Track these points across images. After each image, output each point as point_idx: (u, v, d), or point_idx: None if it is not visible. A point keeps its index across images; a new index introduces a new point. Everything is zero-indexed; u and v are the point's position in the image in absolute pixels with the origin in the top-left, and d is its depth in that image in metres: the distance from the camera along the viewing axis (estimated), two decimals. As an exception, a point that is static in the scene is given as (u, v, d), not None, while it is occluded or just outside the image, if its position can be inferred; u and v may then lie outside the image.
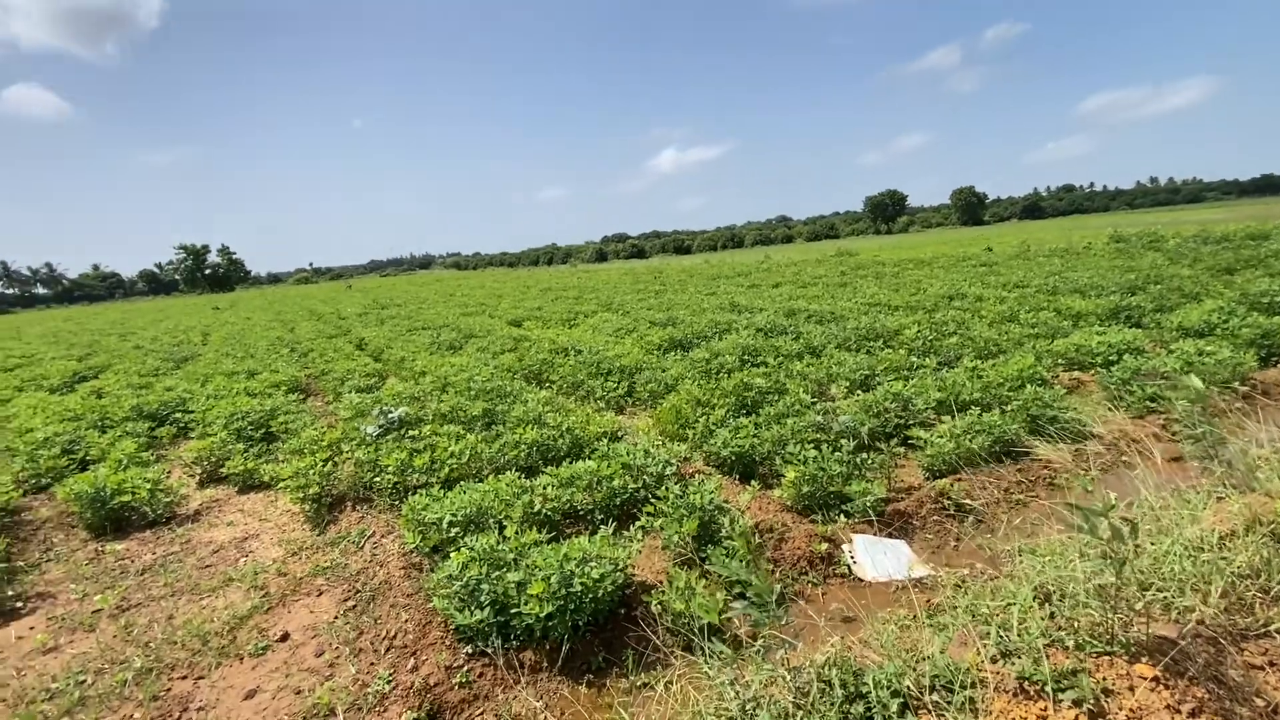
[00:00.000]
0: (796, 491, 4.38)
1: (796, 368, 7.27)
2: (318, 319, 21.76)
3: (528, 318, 15.99)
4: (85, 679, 3.36)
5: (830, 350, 8.23)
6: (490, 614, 3.11)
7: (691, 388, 6.49)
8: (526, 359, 9.45)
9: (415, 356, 10.59)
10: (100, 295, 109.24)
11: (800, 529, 4.18)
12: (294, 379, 10.01)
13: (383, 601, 3.81)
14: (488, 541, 3.47)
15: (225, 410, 7.38)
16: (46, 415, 8.09)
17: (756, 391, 6.37)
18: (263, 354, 13.01)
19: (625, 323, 12.60)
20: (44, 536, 5.29)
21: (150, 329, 23.20)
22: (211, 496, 5.94)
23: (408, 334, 14.19)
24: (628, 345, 9.93)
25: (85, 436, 7.14)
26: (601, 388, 7.69)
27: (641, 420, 6.84)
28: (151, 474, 5.59)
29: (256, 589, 4.13)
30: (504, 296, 24.36)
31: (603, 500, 4.36)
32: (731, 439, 5.13)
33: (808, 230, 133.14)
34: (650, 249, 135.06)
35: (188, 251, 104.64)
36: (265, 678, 3.26)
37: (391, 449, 5.42)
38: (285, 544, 4.78)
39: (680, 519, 3.79)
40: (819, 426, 5.28)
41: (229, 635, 3.64)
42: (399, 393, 7.57)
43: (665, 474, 4.55)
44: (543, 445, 5.47)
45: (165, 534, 5.17)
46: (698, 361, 8.00)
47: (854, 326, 9.33)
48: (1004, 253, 24.46)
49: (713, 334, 10.31)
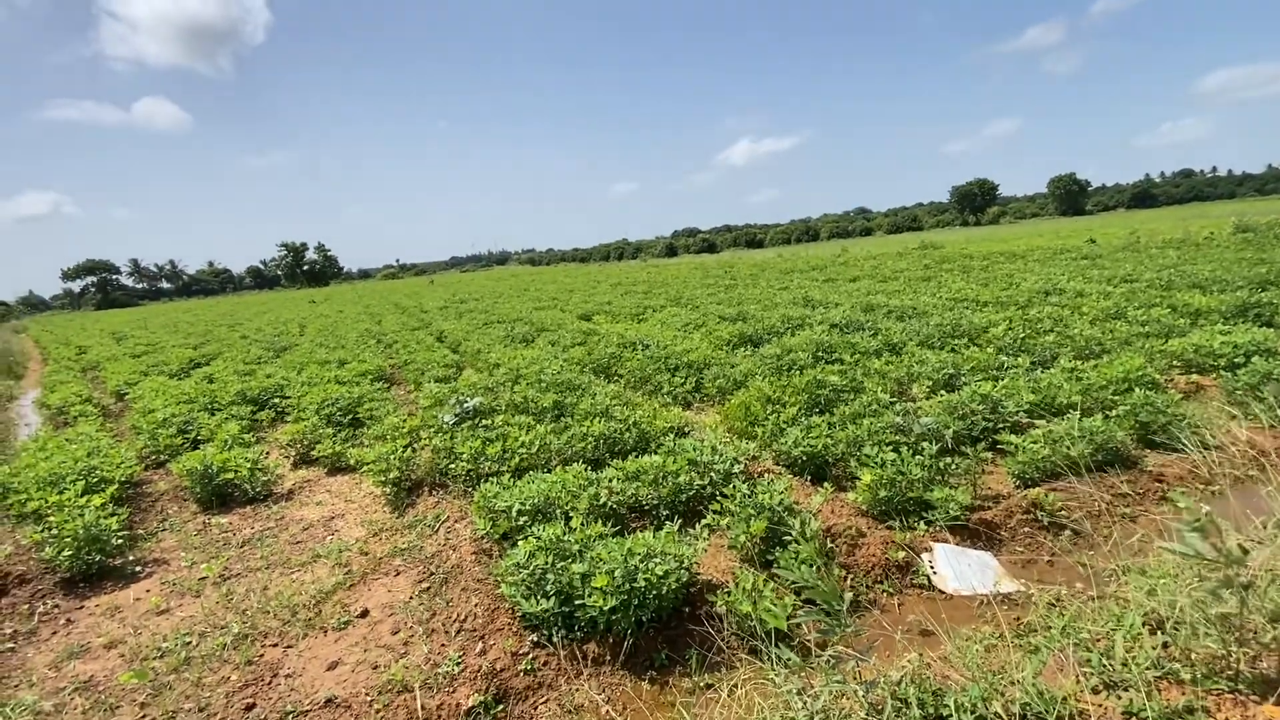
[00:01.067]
0: (873, 495, 4.18)
1: (874, 365, 6.95)
2: (402, 312, 22.91)
3: (597, 312, 16.16)
4: (191, 640, 3.66)
5: (911, 348, 7.82)
6: (555, 604, 3.15)
7: (761, 384, 6.34)
8: (595, 353, 9.54)
9: (490, 349, 10.93)
10: (214, 289, 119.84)
11: (876, 535, 3.98)
12: (379, 368, 10.55)
13: (454, 585, 3.94)
14: (554, 532, 3.51)
15: (317, 397, 7.88)
16: (166, 398, 8.92)
17: (830, 389, 6.14)
18: (352, 344, 13.82)
19: (694, 317, 12.49)
20: (160, 508, 5.83)
21: (255, 320, 25.17)
22: (303, 477, 6.35)
23: (484, 327, 14.68)
24: (696, 340, 9.84)
25: (197, 418, 7.81)
26: (669, 383, 7.65)
27: (709, 416, 6.75)
28: (252, 454, 6.04)
29: (340, 566, 4.38)
30: (575, 291, 24.76)
31: (668, 496, 4.32)
32: (803, 438, 4.96)
33: (888, 222, 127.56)
34: (721, 243, 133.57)
35: (288, 249, 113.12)
36: (346, 651, 3.44)
37: (466, 437, 5.60)
38: (367, 524, 5.04)
39: (748, 519, 3.70)
40: (898, 428, 5.03)
41: (315, 608, 3.87)
42: (474, 383, 7.83)
43: (733, 472, 4.46)
44: (610, 438, 5.49)
45: (263, 510, 5.57)
46: (768, 358, 7.81)
47: (937, 323, 8.83)
48: (1109, 244, 22.52)
49: (785, 329, 10.05)
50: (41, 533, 4.66)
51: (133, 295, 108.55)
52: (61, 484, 5.47)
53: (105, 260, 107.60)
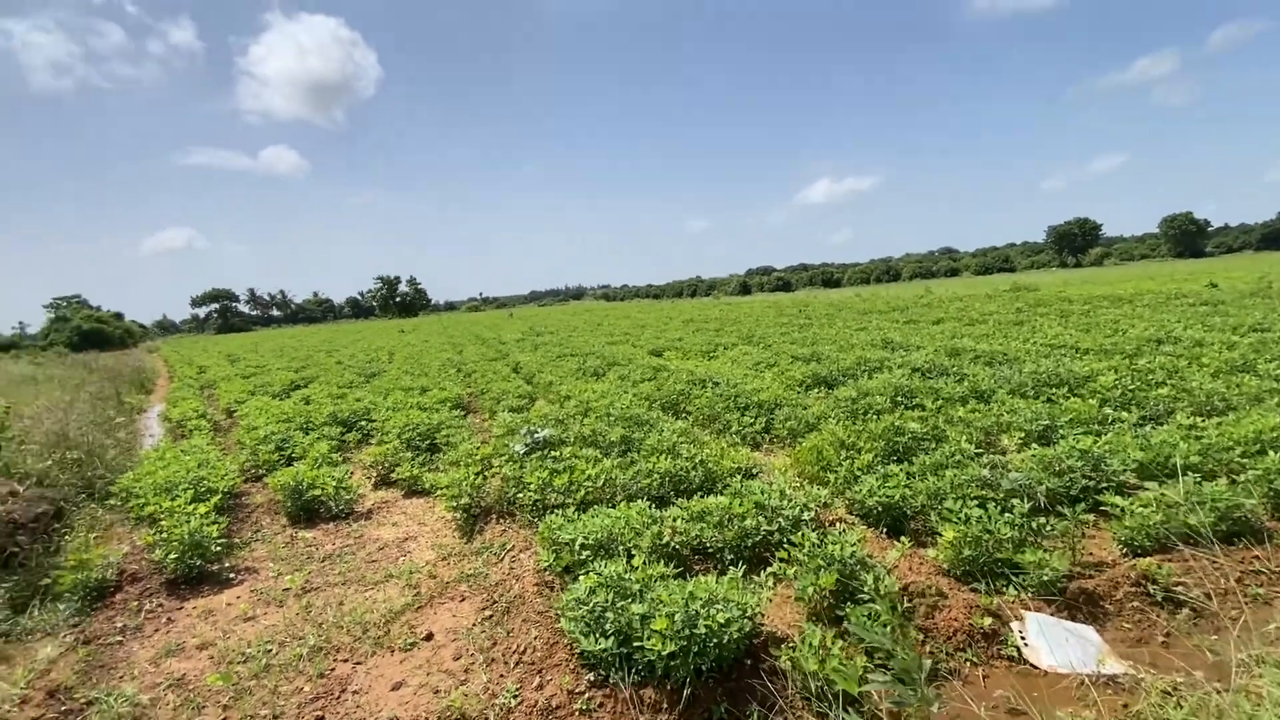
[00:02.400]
0: (955, 554, 3.90)
1: (959, 413, 6.55)
2: (482, 343, 23.89)
3: (668, 348, 16.23)
4: (271, 649, 3.86)
5: (1001, 396, 7.34)
6: (614, 644, 3.10)
7: (835, 428, 6.12)
8: (664, 388, 9.54)
9: (562, 381, 11.17)
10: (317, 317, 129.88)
11: (958, 597, 3.70)
12: (458, 396, 11.01)
13: (516, 615, 3.97)
14: (615, 569, 3.48)
15: (400, 422, 8.30)
16: (267, 416, 9.65)
17: (910, 437, 5.83)
18: (434, 373, 14.51)
19: (766, 356, 12.30)
20: (255, 519, 6.25)
21: (349, 347, 26.97)
22: (383, 498, 6.65)
23: (557, 360, 15.05)
24: (767, 379, 9.66)
25: (293, 436, 8.39)
26: (738, 422, 7.52)
27: (778, 459, 6.56)
28: (338, 474, 6.41)
29: (410, 587, 4.52)
30: (646, 327, 25.02)
31: (733, 540, 4.20)
32: (879, 487, 4.72)
33: (976, 263, 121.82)
34: (796, 282, 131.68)
35: (383, 281, 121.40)
36: (410, 672, 3.52)
37: (535, 468, 5.70)
38: (437, 548, 5.19)
39: (817, 570, 3.53)
40: (985, 482, 4.69)
41: (385, 627, 4.00)
42: (545, 414, 8.00)
43: (802, 519, 4.29)
44: (675, 476, 5.44)
45: (344, 527, 5.86)
46: (843, 400, 7.53)
47: (1031, 370, 8.25)
48: (1234, 289, 20.44)
49: (861, 372, 9.69)
50: (154, 535, 5.10)
51: (248, 321, 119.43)
52: (174, 491, 5.99)
53: (227, 289, 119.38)
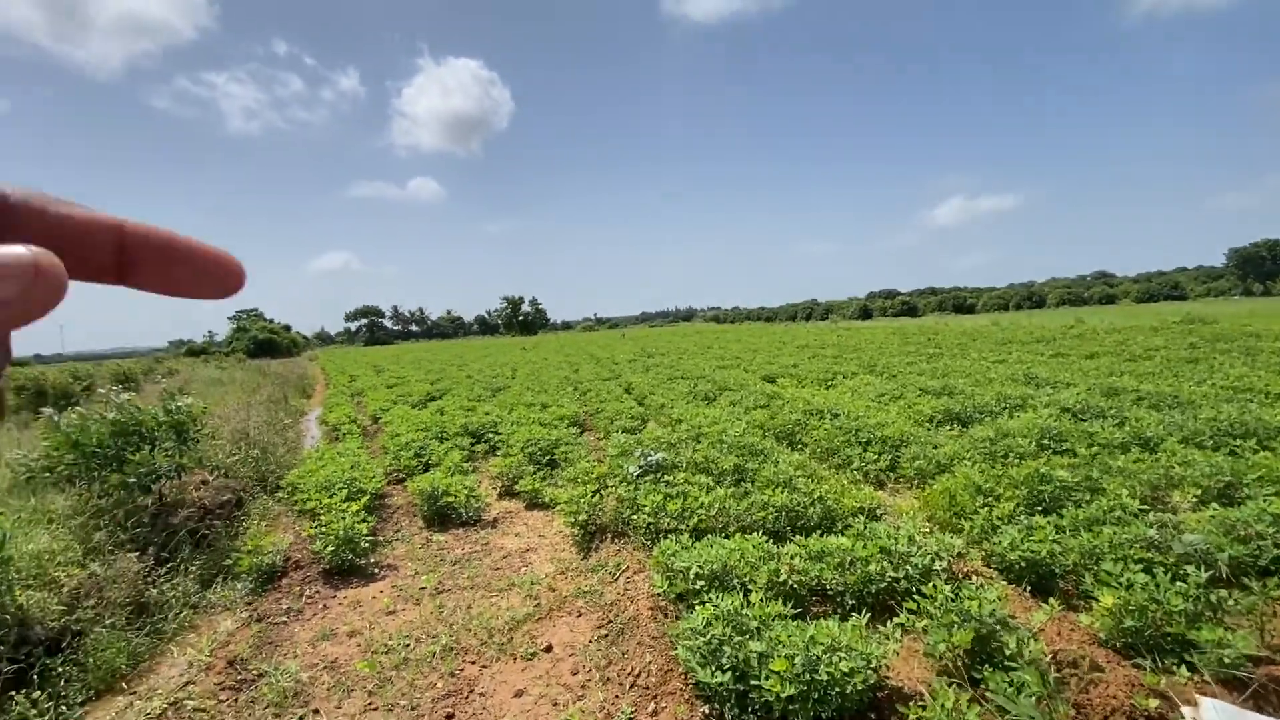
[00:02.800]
0: (1114, 623, 3.47)
1: (1118, 463, 5.84)
2: (596, 362, 24.70)
3: (782, 374, 15.85)
4: (409, 643, 4.21)
5: (1171, 445, 6.43)
6: (731, 679, 3.07)
7: (970, 471, 5.67)
8: (779, 417, 9.33)
9: (673, 404, 11.27)
10: (449, 333, 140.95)
11: (1117, 673, 3.28)
12: (574, 414, 11.45)
13: (630, 637, 4.04)
14: (732, 603, 3.46)
15: (523, 436, 8.78)
16: (408, 424, 10.59)
17: (1058, 486, 5.28)
18: (553, 390, 15.21)
19: (890, 388, 11.65)
20: (396, 520, 6.86)
21: (477, 362, 28.95)
22: (506, 508, 7.05)
23: (668, 382, 15.21)
24: (892, 413, 9.16)
25: (429, 444, 9.14)
26: (860, 457, 7.19)
27: (905, 500, 6.19)
28: (469, 482, 6.89)
29: (531, 598, 4.74)
30: (759, 351, 24.60)
31: (855, 584, 4.02)
32: (1022, 540, 4.31)
33: (1137, 289, 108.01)
34: (924, 307, 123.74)
35: (509, 302, 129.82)
36: (530, 682, 3.69)
37: (648, 491, 5.80)
38: (556, 562, 5.41)
39: (950, 625, 3.29)
40: (1151, 543, 4.14)
41: (508, 634, 4.23)
42: (657, 437, 8.12)
43: (933, 568, 4.02)
44: (792, 510, 5.30)
45: (472, 534, 6.28)
46: (979, 440, 6.97)
47: (1209, 417, 7.17)
48: None
49: (1000, 409, 8.91)
50: (314, 528, 5.76)
51: (391, 335, 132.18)
52: (331, 490, 6.74)
53: (375, 306, 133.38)
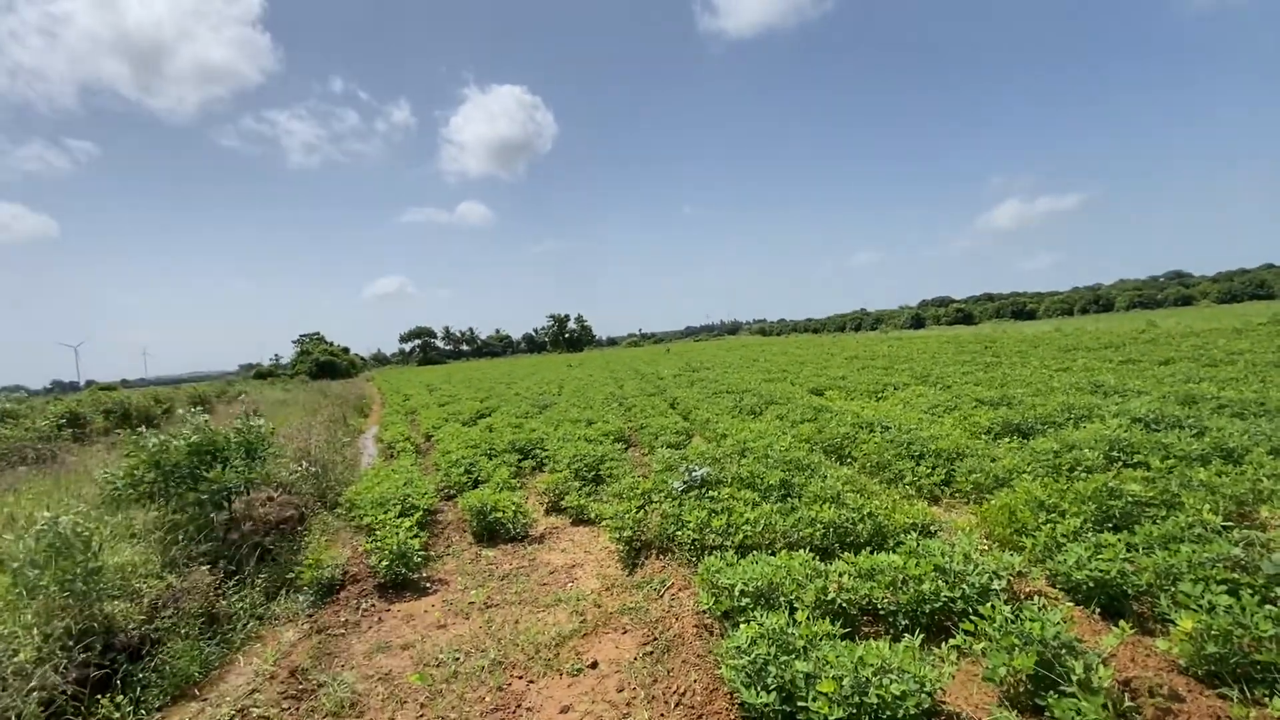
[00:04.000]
0: (1195, 648, 3.23)
1: (1198, 476, 5.45)
2: (641, 378, 24.77)
3: (829, 387, 15.52)
4: (459, 657, 4.29)
5: (1258, 456, 5.97)
6: (776, 700, 3.01)
7: (1032, 485, 5.41)
8: (826, 431, 9.13)
9: (718, 419, 11.18)
10: (498, 352, 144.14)
11: (1199, 703, 3.05)
12: (619, 430, 11.50)
13: (675, 654, 4.01)
14: (778, 621, 3.39)
15: (569, 452, 8.88)
16: (458, 442, 10.86)
17: (1129, 501, 4.97)
18: (598, 406, 15.32)
19: (944, 399, 11.24)
20: (447, 535, 7.02)
21: (525, 380, 29.48)
22: (552, 524, 7.12)
23: (713, 396, 15.11)
24: (947, 425, 8.83)
25: (479, 461, 9.35)
26: (912, 472, 6.95)
27: (961, 517, 5.94)
28: (516, 498, 7.01)
29: (577, 614, 4.77)
30: (806, 364, 24.16)
31: (908, 604, 3.88)
32: (1089, 559, 4.07)
33: (1217, 289, 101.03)
34: (980, 314, 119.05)
35: (555, 319, 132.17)
36: (576, 698, 3.70)
37: (693, 506, 5.76)
38: (601, 578, 5.43)
39: (1010, 648, 3.13)
40: (1236, 563, 3.85)
41: (554, 650, 4.26)
42: (702, 452, 8.06)
43: (991, 587, 3.84)
44: (840, 527, 5.16)
45: (520, 549, 6.37)
46: (1041, 453, 6.63)
47: (1304, 426, 6.63)
48: None
49: (1065, 420, 8.48)
50: (370, 544, 5.96)
51: (443, 354, 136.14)
52: (386, 506, 6.96)
53: (428, 327, 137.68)
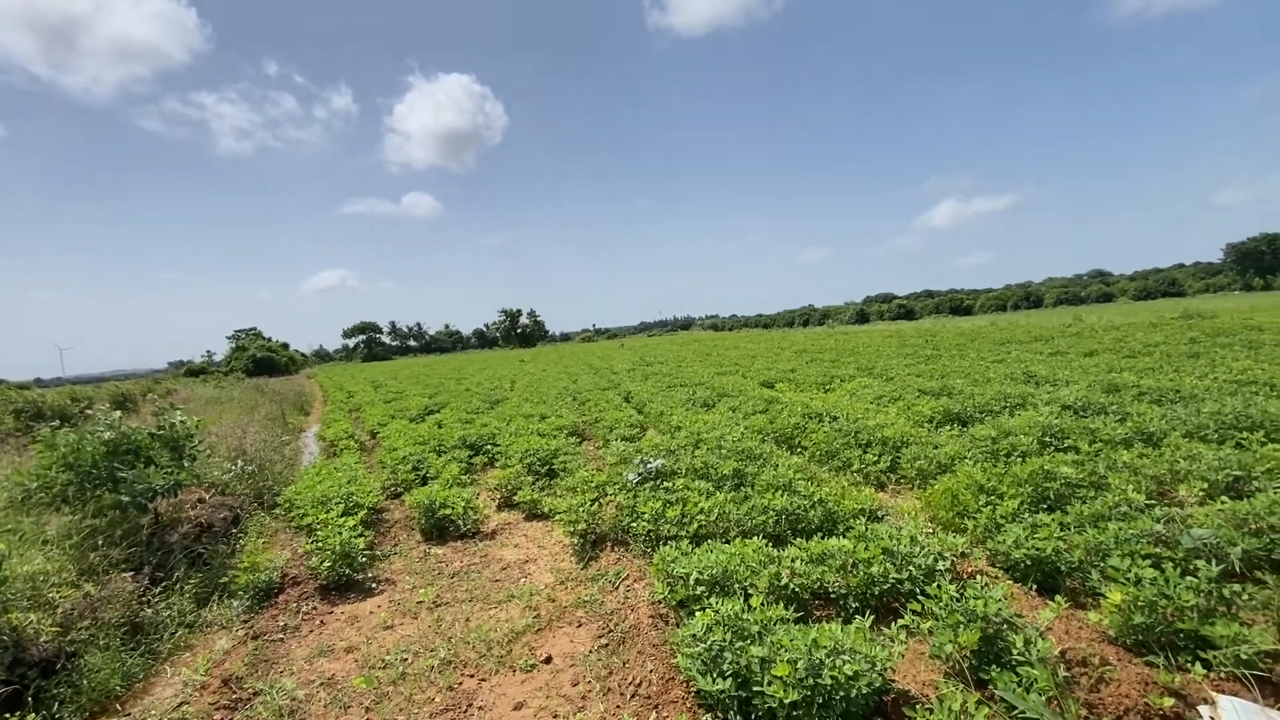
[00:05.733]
0: (1124, 620, 3.41)
1: (1122, 458, 5.78)
2: (595, 373, 24.64)
3: (780, 379, 15.81)
4: (407, 658, 4.14)
5: (1175, 439, 6.38)
6: (732, 686, 3.01)
7: (972, 470, 5.63)
8: (778, 422, 9.28)
9: (672, 411, 11.21)
10: (447, 347, 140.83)
11: (1129, 670, 3.22)
12: (573, 424, 11.39)
13: (631, 645, 3.97)
14: (733, 608, 3.40)
15: (521, 447, 8.72)
16: (405, 439, 10.53)
17: (1062, 483, 5.23)
18: (552, 400, 15.14)
19: (889, 390, 11.61)
20: (393, 534, 6.78)
21: (476, 375, 28.88)
22: (505, 519, 6.98)
23: (667, 390, 15.16)
24: (891, 415, 9.11)
25: (427, 458, 9.08)
26: (860, 460, 7.13)
27: (907, 501, 6.13)
28: (466, 495, 6.83)
29: (530, 609, 4.67)
30: (757, 357, 24.56)
31: (858, 586, 3.96)
32: (1027, 538, 4.25)
33: (1135, 287, 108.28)
34: (921, 309, 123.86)
35: (507, 314, 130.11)
36: (530, 694, 3.62)
37: (648, 498, 5.74)
38: (555, 572, 5.34)
39: (956, 626, 3.23)
40: (1159, 539, 4.09)
41: (507, 646, 4.16)
42: (657, 445, 8.06)
43: (937, 568, 3.96)
44: (792, 514, 5.24)
45: (471, 546, 6.21)
46: (980, 440, 6.91)
47: (1213, 410, 7.13)
48: None
49: (1001, 408, 8.87)
50: (311, 544, 5.69)
51: (389, 350, 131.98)
52: (328, 505, 6.67)
53: (372, 322, 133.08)
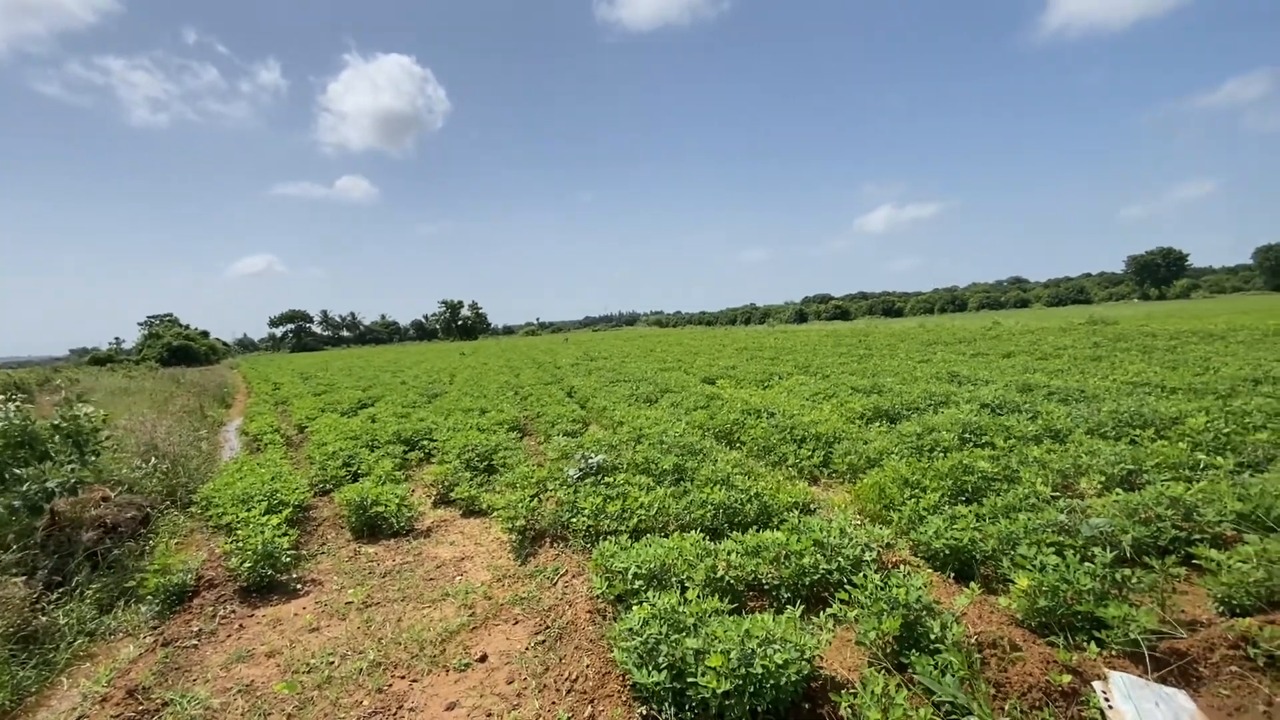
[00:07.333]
0: (1030, 604, 3.67)
1: (1033, 453, 6.22)
2: (538, 367, 24.38)
3: (721, 376, 16.11)
4: (334, 661, 3.99)
5: (1078, 436, 6.92)
6: (667, 678, 3.06)
7: (899, 465, 5.91)
8: (718, 418, 9.46)
9: (615, 407, 11.24)
10: (383, 339, 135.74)
11: (1033, 651, 3.46)
12: (514, 419, 11.24)
13: (568, 641, 3.97)
14: (669, 601, 3.45)
15: (460, 442, 8.53)
16: (336, 433, 10.11)
17: (979, 476, 5.57)
18: (492, 395, 14.88)
19: (824, 387, 12.03)
20: (321, 533, 6.51)
21: (413, 368, 28.02)
22: (441, 517, 6.82)
23: (610, 385, 15.18)
24: (825, 411, 9.44)
25: (359, 453, 8.75)
26: (794, 455, 7.37)
27: (838, 495, 6.38)
28: (400, 491, 6.63)
29: (466, 607, 4.59)
30: (699, 354, 24.94)
31: (790, 577, 4.09)
32: (946, 529, 4.51)
33: (1048, 294, 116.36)
34: (855, 310, 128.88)
35: (447, 306, 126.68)
36: (464, 694, 3.56)
37: (588, 493, 5.74)
38: (492, 569, 5.27)
39: (879, 614, 3.39)
40: (1062, 528, 4.42)
41: (440, 646, 4.07)
42: (599, 440, 8.07)
43: (864, 559, 4.14)
44: (729, 508, 5.36)
45: (404, 544, 6.04)
46: (907, 436, 7.27)
47: (1111, 409, 7.76)
48: (1346, 326, 18.73)
49: (926, 406, 9.35)
50: (230, 544, 5.39)
51: (320, 341, 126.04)
52: (250, 503, 6.33)
53: (302, 311, 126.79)
